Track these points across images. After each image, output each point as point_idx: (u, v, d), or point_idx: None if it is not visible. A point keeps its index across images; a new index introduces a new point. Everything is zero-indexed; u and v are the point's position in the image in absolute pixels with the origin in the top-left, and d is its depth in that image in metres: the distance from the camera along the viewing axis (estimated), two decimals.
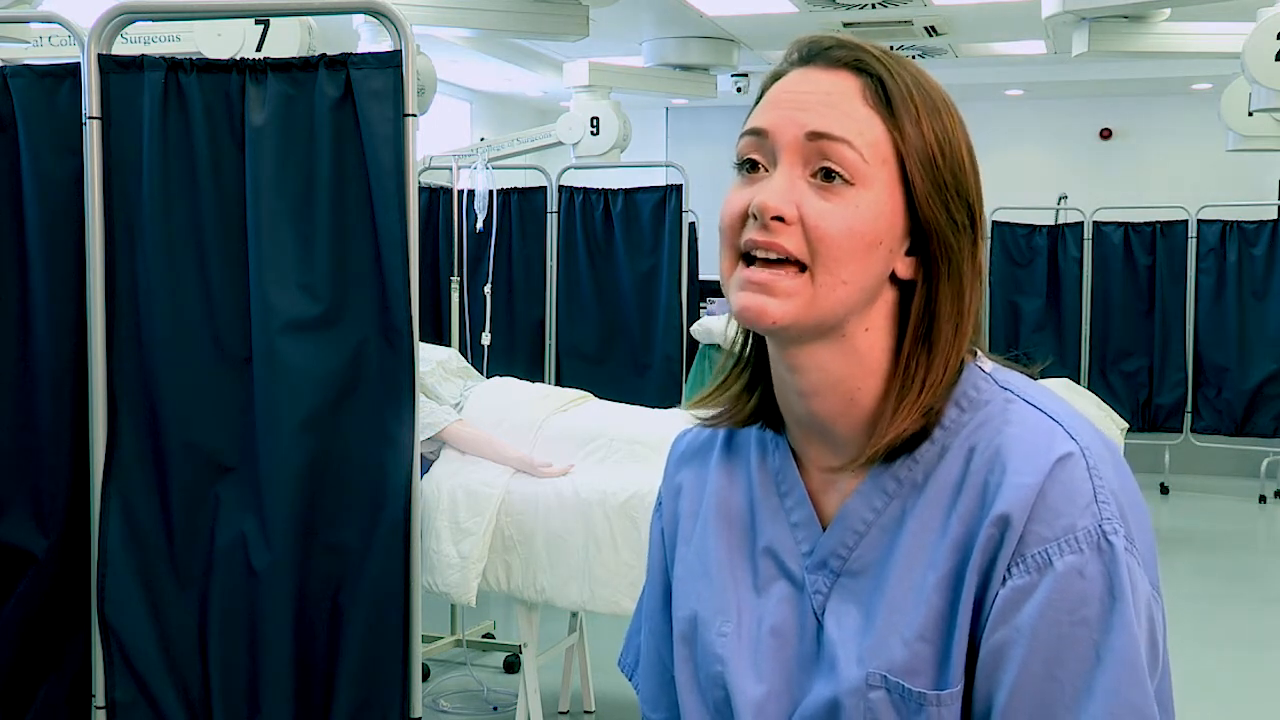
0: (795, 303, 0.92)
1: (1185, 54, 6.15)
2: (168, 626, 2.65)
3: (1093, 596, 0.86)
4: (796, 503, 1.01)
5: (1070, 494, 0.88)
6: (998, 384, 0.97)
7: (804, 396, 0.97)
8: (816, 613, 0.98)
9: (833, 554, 0.98)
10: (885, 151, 0.92)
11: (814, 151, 0.92)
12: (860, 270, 0.92)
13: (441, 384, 3.70)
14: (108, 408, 2.63)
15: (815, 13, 6.92)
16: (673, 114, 10.28)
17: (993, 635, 0.89)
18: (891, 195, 0.93)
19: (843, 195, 0.91)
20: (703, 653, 1.04)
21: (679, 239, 5.50)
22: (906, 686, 0.91)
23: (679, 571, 1.09)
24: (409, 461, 2.58)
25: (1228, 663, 4.63)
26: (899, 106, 0.93)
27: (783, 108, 0.94)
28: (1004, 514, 0.88)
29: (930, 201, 0.93)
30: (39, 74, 2.70)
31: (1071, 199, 8.18)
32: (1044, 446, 0.90)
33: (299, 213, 2.60)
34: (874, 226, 0.92)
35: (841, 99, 0.93)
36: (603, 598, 3.21)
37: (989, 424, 0.94)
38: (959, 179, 0.95)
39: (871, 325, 0.95)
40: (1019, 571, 0.88)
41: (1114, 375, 7.67)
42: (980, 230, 0.96)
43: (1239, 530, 7.09)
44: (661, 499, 1.15)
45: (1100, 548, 0.87)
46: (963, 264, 0.95)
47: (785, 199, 0.92)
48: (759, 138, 0.95)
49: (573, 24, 5.61)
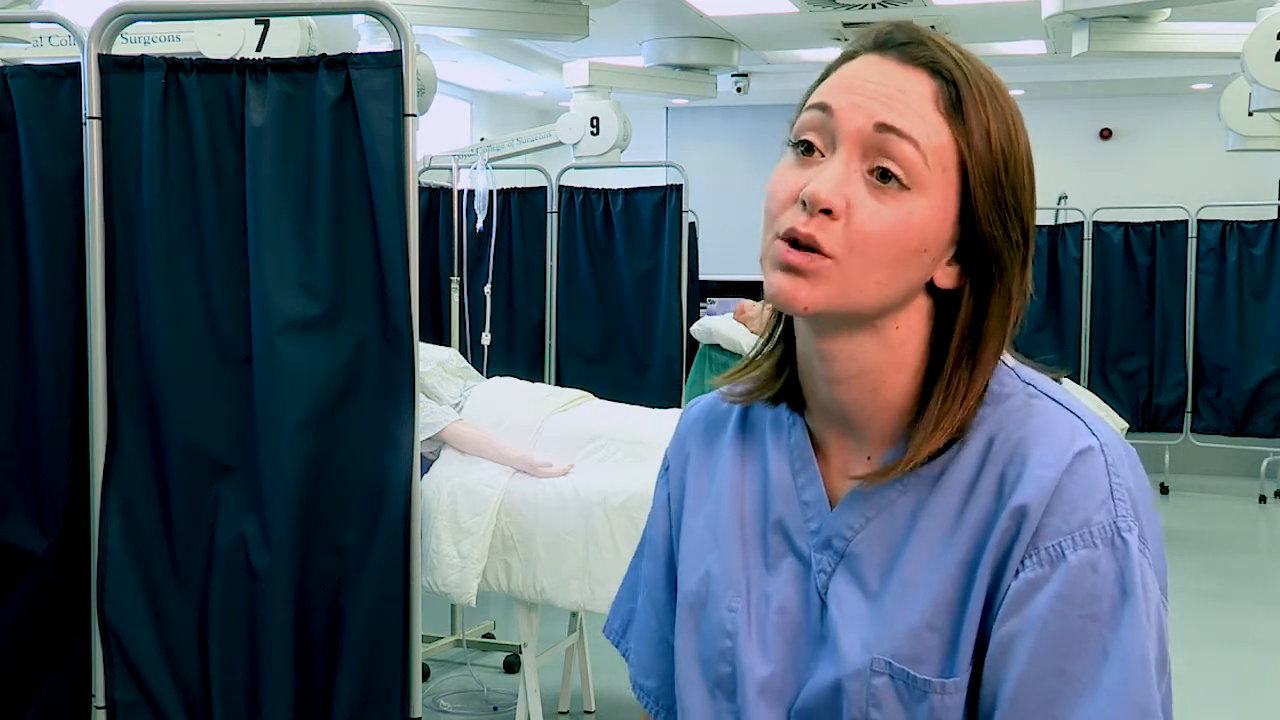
0: (828, 289, 0.90)
1: (1185, 54, 6.14)
2: (168, 626, 2.65)
3: (1104, 592, 0.86)
4: (809, 480, 1.01)
5: (1088, 489, 0.88)
6: (1021, 379, 0.96)
7: (830, 383, 0.97)
8: (820, 592, 0.98)
9: (838, 534, 0.98)
10: (948, 159, 0.91)
11: (876, 145, 0.90)
12: (897, 275, 0.91)
13: (441, 384, 3.70)
14: (108, 408, 2.63)
15: (815, 13, 6.92)
16: (673, 114, 10.28)
17: (1003, 626, 0.89)
18: (946, 204, 0.91)
19: (896, 199, 0.90)
20: (710, 626, 1.03)
21: (679, 239, 5.50)
22: (911, 674, 0.91)
23: (686, 541, 1.09)
24: (409, 461, 2.58)
25: (1228, 663, 4.63)
26: (970, 116, 0.91)
27: (854, 93, 0.92)
28: (1021, 505, 0.88)
29: (990, 217, 0.92)
30: (39, 74, 2.70)
31: (1071, 199, 8.18)
32: (1065, 441, 0.90)
33: (299, 213, 2.60)
34: (921, 234, 0.90)
35: (915, 98, 0.91)
36: (603, 598, 3.21)
37: (1011, 417, 0.93)
38: (1019, 196, 0.93)
39: (903, 325, 0.94)
40: (1032, 564, 0.88)
41: (1114, 375, 7.67)
42: (1031, 248, 0.95)
43: (1239, 530, 7.09)
44: (669, 463, 1.14)
45: (1114, 544, 0.87)
46: (1013, 282, 0.94)
47: (838, 191, 0.89)
48: (824, 115, 0.92)
49: (573, 24, 5.61)
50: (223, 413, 2.65)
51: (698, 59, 7.60)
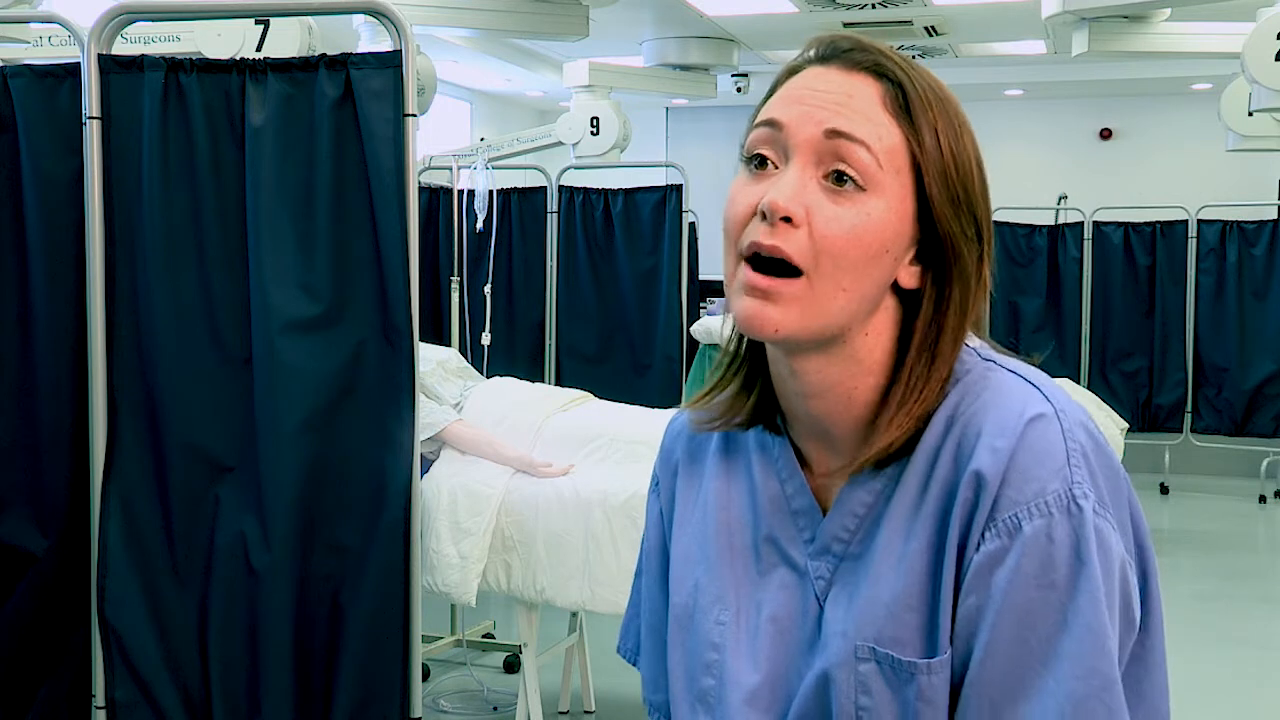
0: (797, 311, 0.91)
1: (1185, 54, 6.14)
2: (168, 626, 2.65)
3: (1060, 561, 0.87)
4: (797, 490, 1.01)
5: (1041, 456, 0.88)
6: (980, 356, 0.97)
7: (804, 397, 0.97)
8: (819, 598, 0.98)
9: (834, 539, 0.98)
10: (901, 160, 0.92)
11: (829, 151, 0.91)
12: (862, 278, 0.91)
13: (441, 384, 3.70)
14: (108, 408, 2.63)
15: (815, 13, 6.92)
16: (673, 114, 10.28)
17: (967, 599, 0.89)
18: (903, 204, 0.92)
19: (854, 200, 0.91)
20: (696, 639, 1.04)
21: (679, 239, 5.50)
22: (895, 657, 0.91)
23: (675, 556, 1.09)
24: (409, 461, 2.58)
25: (1228, 662, 4.63)
26: (918, 114, 0.92)
27: (802, 103, 0.93)
28: (977, 472, 0.89)
29: (945, 213, 0.93)
30: (39, 74, 2.70)
31: (1071, 199, 8.18)
32: (1017, 408, 0.90)
33: (299, 212, 2.60)
34: (881, 235, 0.91)
35: (862, 102, 0.92)
36: (603, 598, 3.21)
37: (969, 392, 0.94)
38: (969, 193, 0.94)
39: (872, 330, 0.95)
40: (991, 535, 0.88)
41: (1114, 375, 7.67)
42: (987, 244, 0.96)
43: (1239, 530, 7.09)
44: (659, 478, 1.15)
45: (1070, 511, 0.87)
46: (971, 277, 0.95)
47: (796, 199, 0.90)
48: (773, 130, 0.93)
49: (573, 24, 5.61)
50: (223, 413, 2.65)
51: (698, 59, 7.60)
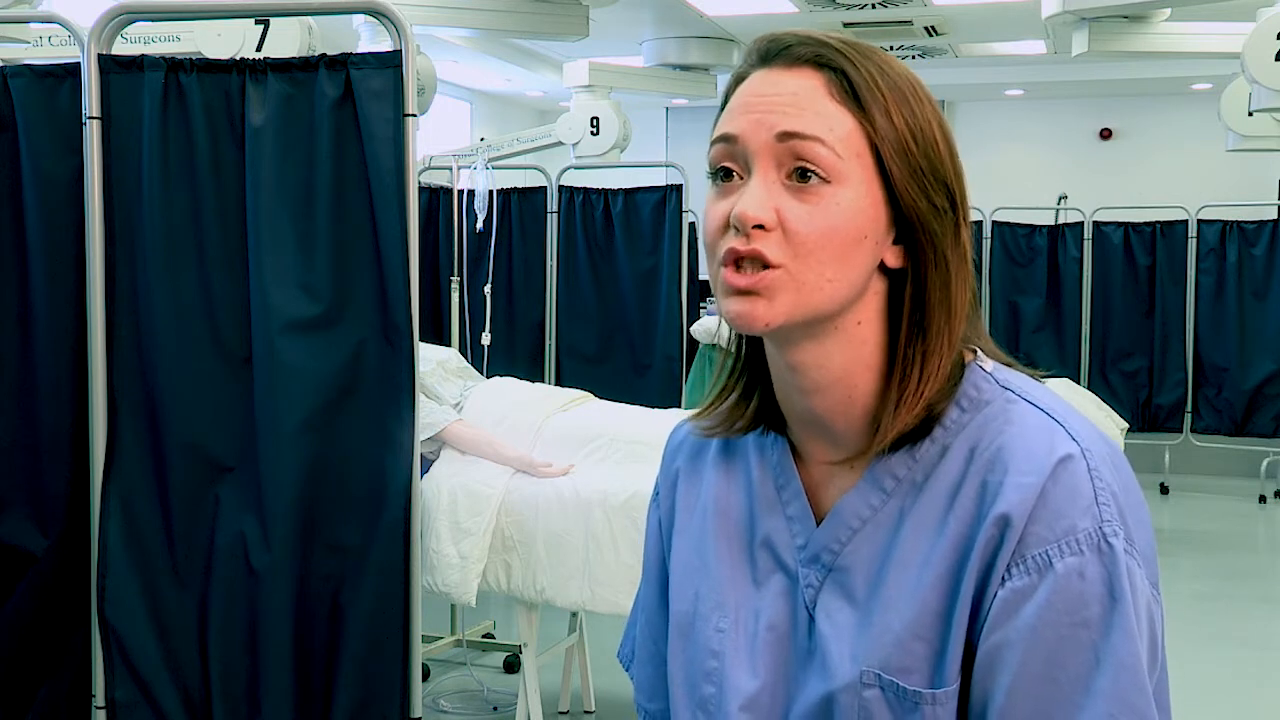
0: (784, 301, 0.91)
1: (1185, 54, 6.14)
2: (168, 626, 2.65)
3: (1092, 598, 0.86)
4: (793, 495, 1.01)
5: (1071, 495, 0.88)
6: (998, 383, 0.96)
7: (805, 394, 0.97)
8: (808, 607, 0.98)
9: (825, 549, 0.98)
10: (858, 145, 0.92)
11: (787, 152, 0.91)
12: (846, 267, 0.92)
13: (441, 384, 3.70)
14: (108, 408, 2.63)
15: (815, 13, 6.92)
16: (673, 114, 10.28)
17: (991, 636, 0.88)
18: (870, 188, 0.92)
19: (821, 194, 0.91)
20: (697, 647, 1.04)
21: (679, 239, 5.50)
22: (901, 685, 0.91)
23: (675, 564, 1.09)
24: (409, 461, 2.58)
25: (1228, 663, 4.63)
26: (866, 97, 0.92)
27: (751, 111, 0.93)
28: (1004, 514, 0.88)
29: (909, 189, 0.92)
30: (39, 74, 2.70)
31: (1071, 199, 8.18)
32: (1045, 447, 0.90)
33: (299, 213, 2.60)
34: (855, 222, 0.91)
35: (808, 97, 0.92)
36: (603, 598, 3.21)
37: (990, 424, 0.93)
38: (934, 163, 0.94)
39: (864, 318, 0.95)
40: (1019, 572, 0.88)
41: (1114, 375, 7.68)
42: (962, 213, 0.95)
43: (1239, 530, 7.09)
44: (659, 490, 1.15)
45: (1100, 549, 0.87)
46: (947, 249, 0.94)
47: (763, 206, 0.91)
48: (729, 144, 0.94)
49: (573, 24, 5.61)
50: (223, 413, 2.65)
51: (698, 59, 7.60)
